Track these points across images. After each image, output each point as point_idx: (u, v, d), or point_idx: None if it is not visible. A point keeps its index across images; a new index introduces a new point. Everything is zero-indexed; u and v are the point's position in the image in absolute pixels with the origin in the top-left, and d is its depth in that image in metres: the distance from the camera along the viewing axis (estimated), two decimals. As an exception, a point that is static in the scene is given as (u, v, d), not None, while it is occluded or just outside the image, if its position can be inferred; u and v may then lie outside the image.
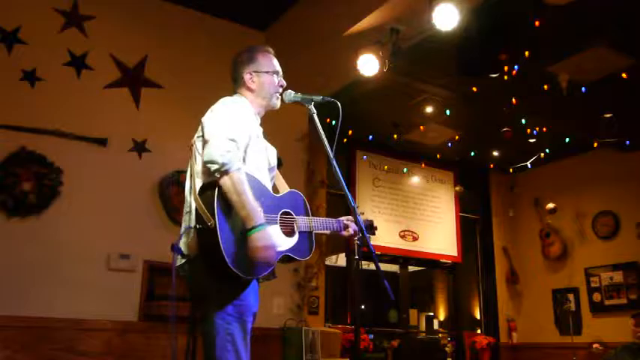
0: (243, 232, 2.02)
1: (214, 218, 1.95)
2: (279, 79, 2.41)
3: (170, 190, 4.27)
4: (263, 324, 3.53)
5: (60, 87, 4.07)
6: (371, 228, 2.64)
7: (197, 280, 2.11)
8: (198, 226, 2.01)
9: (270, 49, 2.48)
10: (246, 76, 2.35)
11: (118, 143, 4.21)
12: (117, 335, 3.89)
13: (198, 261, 2.06)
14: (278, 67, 2.43)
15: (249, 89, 2.36)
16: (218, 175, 1.99)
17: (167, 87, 4.49)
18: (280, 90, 2.40)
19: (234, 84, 2.41)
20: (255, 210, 2.00)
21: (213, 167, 1.99)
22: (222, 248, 1.92)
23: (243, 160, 2.14)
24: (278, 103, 2.43)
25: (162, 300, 4.05)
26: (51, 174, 3.90)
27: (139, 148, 4.30)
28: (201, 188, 2.08)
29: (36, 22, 4.06)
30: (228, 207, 2.01)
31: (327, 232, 2.45)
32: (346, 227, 2.46)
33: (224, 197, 2.01)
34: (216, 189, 2.00)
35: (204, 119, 2.19)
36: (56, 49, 4.11)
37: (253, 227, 1.98)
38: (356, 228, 2.42)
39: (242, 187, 2.00)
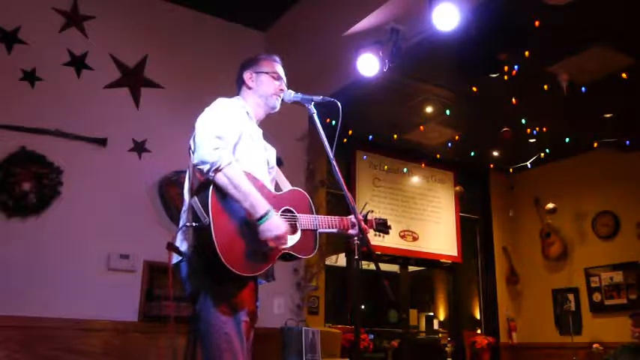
0: (240, 229, 2.03)
1: (209, 215, 1.96)
2: (279, 83, 2.43)
3: (170, 190, 4.27)
4: (263, 324, 3.51)
5: (60, 87, 4.07)
6: (385, 226, 2.63)
7: (193, 278, 2.11)
8: (194, 224, 2.02)
9: (277, 58, 2.52)
10: (246, 76, 2.43)
11: (118, 143, 4.21)
12: (117, 335, 3.88)
13: (194, 260, 2.08)
14: (281, 73, 2.47)
15: (248, 87, 2.42)
16: (212, 174, 2.01)
17: (167, 87, 4.49)
18: (280, 93, 2.42)
19: (237, 89, 2.46)
20: (258, 199, 2.03)
21: (205, 167, 2.01)
22: (215, 244, 1.94)
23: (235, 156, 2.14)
24: (277, 105, 2.44)
25: (162, 300, 4.06)
26: (51, 174, 3.90)
27: (139, 148, 4.30)
28: (197, 187, 2.10)
29: (36, 22, 4.06)
30: (223, 205, 2.03)
31: (334, 230, 2.41)
32: (354, 225, 2.41)
33: (220, 195, 2.03)
34: (211, 187, 2.02)
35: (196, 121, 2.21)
36: (56, 49, 4.11)
37: (262, 216, 2.00)
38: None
39: (238, 179, 2.02)
